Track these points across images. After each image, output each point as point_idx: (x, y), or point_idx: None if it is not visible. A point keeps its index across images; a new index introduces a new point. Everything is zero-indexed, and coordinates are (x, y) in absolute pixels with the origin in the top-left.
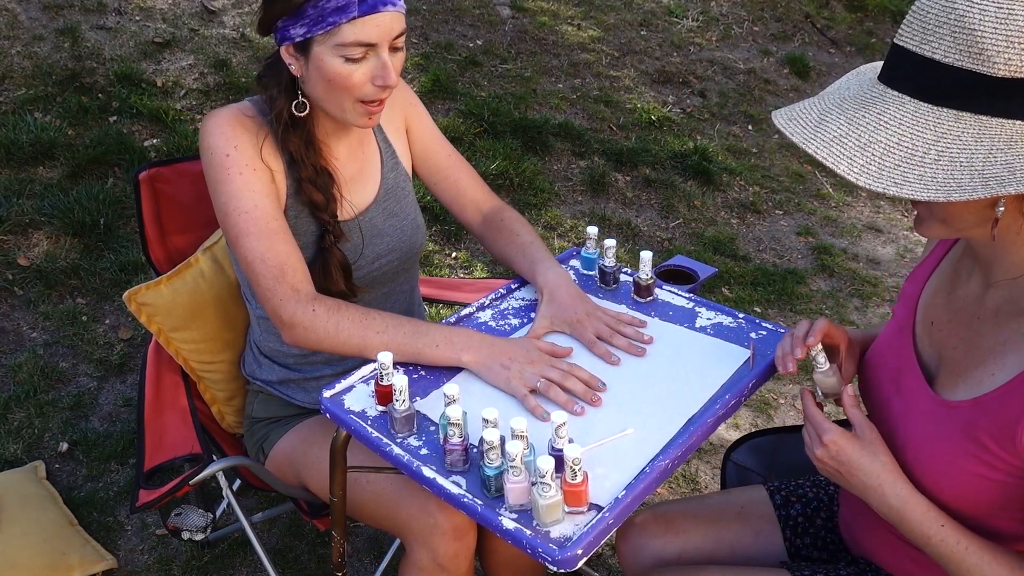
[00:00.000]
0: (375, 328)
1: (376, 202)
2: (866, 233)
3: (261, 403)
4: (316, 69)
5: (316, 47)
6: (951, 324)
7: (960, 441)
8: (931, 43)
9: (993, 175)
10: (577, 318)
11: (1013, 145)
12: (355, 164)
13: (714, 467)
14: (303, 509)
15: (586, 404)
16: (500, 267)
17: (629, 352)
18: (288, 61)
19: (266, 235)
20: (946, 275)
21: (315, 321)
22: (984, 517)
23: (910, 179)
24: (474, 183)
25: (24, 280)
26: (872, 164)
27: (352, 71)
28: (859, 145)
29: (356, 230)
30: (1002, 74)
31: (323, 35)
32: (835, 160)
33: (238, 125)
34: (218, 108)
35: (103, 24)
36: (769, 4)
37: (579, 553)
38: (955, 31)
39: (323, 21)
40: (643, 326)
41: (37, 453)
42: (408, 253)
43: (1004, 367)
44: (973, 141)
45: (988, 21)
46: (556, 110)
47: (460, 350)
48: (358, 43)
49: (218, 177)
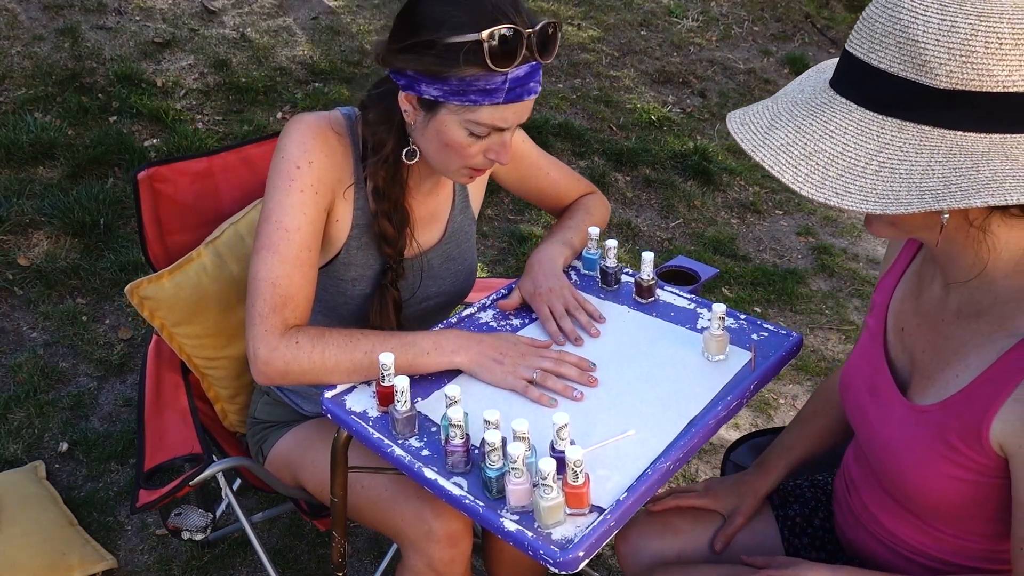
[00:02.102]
0: (362, 349)
1: (439, 244)
2: (866, 233)
3: (266, 405)
4: (436, 131)
5: (445, 112)
6: (919, 329)
7: (933, 445)
8: (878, 52)
9: (929, 188)
10: (539, 291)
11: (952, 157)
12: (429, 205)
13: (714, 467)
14: (303, 509)
15: (585, 390)
16: (500, 267)
17: (568, 337)
18: (405, 108)
19: (291, 261)
20: (911, 281)
21: (299, 354)
22: (963, 518)
23: (851, 190)
24: (572, 187)
25: (24, 280)
26: (816, 173)
27: (472, 143)
28: (804, 154)
29: (414, 269)
30: (944, 85)
31: (458, 107)
32: (781, 169)
33: (321, 140)
34: (308, 114)
35: (103, 24)
36: (769, 4)
37: (580, 555)
38: (900, 41)
39: (464, 95)
40: (600, 321)
41: (37, 453)
42: (456, 297)
43: (967, 368)
44: (914, 152)
45: (931, 33)
46: (556, 110)
47: (451, 353)
48: (492, 126)
49: (278, 184)
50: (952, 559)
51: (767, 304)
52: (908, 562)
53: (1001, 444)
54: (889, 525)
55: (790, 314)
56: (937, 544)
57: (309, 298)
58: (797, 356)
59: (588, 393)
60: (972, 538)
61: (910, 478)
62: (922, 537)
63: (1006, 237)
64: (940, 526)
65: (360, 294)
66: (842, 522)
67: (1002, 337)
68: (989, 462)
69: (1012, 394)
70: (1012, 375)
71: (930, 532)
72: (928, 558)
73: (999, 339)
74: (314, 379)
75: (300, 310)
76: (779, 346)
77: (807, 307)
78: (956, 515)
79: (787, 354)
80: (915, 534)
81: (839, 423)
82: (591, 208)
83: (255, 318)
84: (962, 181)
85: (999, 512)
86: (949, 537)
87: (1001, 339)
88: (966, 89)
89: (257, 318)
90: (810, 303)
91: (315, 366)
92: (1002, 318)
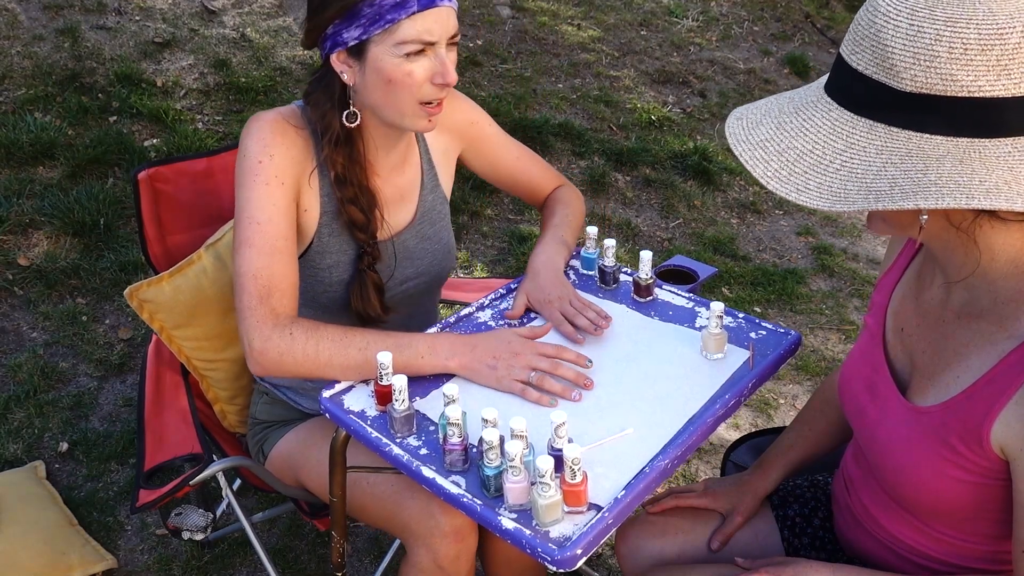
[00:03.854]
0: (356, 346)
1: (412, 224)
2: (866, 233)
3: (265, 405)
4: (374, 72)
5: (373, 48)
6: (920, 328)
7: (933, 447)
8: (857, 54)
9: (875, 189)
10: (548, 299)
11: (907, 159)
12: (396, 184)
13: (714, 467)
14: (303, 509)
15: (582, 391)
16: (500, 267)
17: (587, 330)
18: (340, 69)
19: (268, 252)
20: (912, 281)
21: (293, 345)
22: (963, 519)
23: (810, 186)
24: (545, 176)
25: (24, 280)
26: (784, 169)
27: (412, 68)
28: (778, 150)
29: (390, 251)
30: (909, 89)
31: (381, 34)
32: (753, 163)
33: (280, 133)
34: (264, 111)
35: (103, 24)
36: (769, 4)
37: (578, 553)
38: (873, 44)
39: (381, 19)
40: (607, 319)
41: (37, 453)
42: (437, 278)
43: (968, 369)
44: (875, 153)
45: (899, 38)
46: (556, 110)
47: (445, 358)
48: (418, 39)
49: (244, 181)
50: (952, 560)
51: (767, 304)
52: (908, 563)
53: (1002, 446)
54: (888, 526)
55: (790, 314)
56: (937, 545)
57: (294, 285)
58: (797, 356)
59: (587, 391)
60: (972, 539)
61: (909, 479)
62: (922, 538)
63: (1003, 239)
64: (940, 527)
65: (339, 280)
66: (842, 522)
67: (1003, 339)
68: (990, 464)
69: (1013, 397)
70: (1013, 378)
71: (930, 533)
72: (928, 559)
73: (1000, 341)
74: (309, 371)
75: (287, 298)
76: (777, 344)
77: (807, 307)
78: (956, 516)
79: (785, 352)
80: (915, 535)
81: (839, 424)
82: (568, 200)
83: (244, 311)
84: (906, 184)
85: (1000, 513)
86: (949, 538)
87: (1002, 341)
88: (930, 93)
89: (246, 311)
90: (810, 303)
91: (308, 357)
92: (1003, 319)
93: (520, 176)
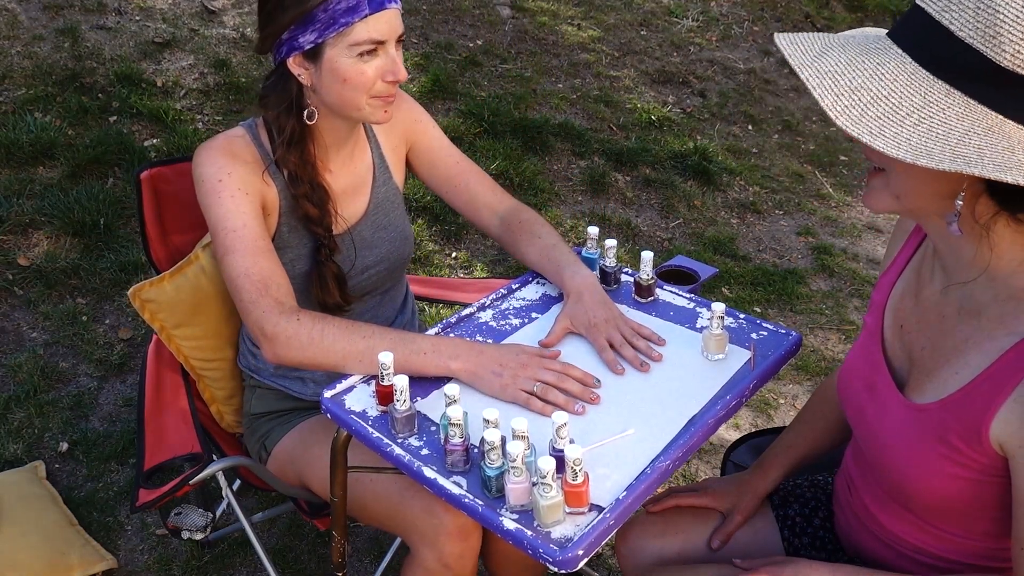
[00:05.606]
0: (361, 333)
1: (366, 215)
2: (866, 233)
3: (259, 398)
4: (330, 72)
5: (329, 50)
6: (919, 326)
7: (932, 444)
8: (952, 12)
9: (962, 154)
10: (595, 322)
11: (990, 135)
12: (347, 178)
13: (714, 467)
14: (303, 509)
15: (586, 404)
16: (500, 267)
17: (633, 364)
18: (297, 72)
19: (251, 252)
20: (911, 279)
21: (299, 329)
22: (963, 517)
23: (886, 134)
24: (485, 186)
25: (24, 280)
26: (855, 108)
27: (365, 68)
28: (851, 87)
29: (348, 242)
30: (1007, 64)
31: (335, 37)
32: (822, 92)
33: (229, 155)
34: (208, 140)
35: (103, 24)
36: (769, 4)
37: (580, 554)
38: (979, 7)
39: (335, 23)
40: (660, 343)
41: (37, 453)
42: (396, 263)
43: (967, 366)
44: (956, 119)
45: (1013, 8)
46: (556, 110)
47: (448, 358)
48: (370, 40)
49: (209, 201)
50: (952, 557)
51: (767, 304)
52: (909, 561)
53: (1001, 443)
54: (889, 524)
55: (790, 314)
56: (937, 543)
57: (286, 279)
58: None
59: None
60: (972, 536)
61: (909, 477)
62: (922, 536)
63: (1011, 240)
64: (940, 525)
65: (301, 272)
66: (842, 522)
67: (1003, 336)
68: (989, 461)
69: (1012, 394)
70: (1012, 374)
71: (930, 531)
72: (928, 556)
73: (1000, 337)
74: (314, 355)
75: (283, 288)
76: (778, 345)
77: (807, 307)
78: (956, 513)
79: (786, 353)
80: (915, 533)
81: (839, 423)
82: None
83: (247, 307)
84: (996, 157)
85: (999, 511)
86: (949, 536)
87: (1002, 337)
88: None
89: (250, 306)
90: (810, 303)
91: (314, 341)
92: (1003, 316)
93: (458, 180)
